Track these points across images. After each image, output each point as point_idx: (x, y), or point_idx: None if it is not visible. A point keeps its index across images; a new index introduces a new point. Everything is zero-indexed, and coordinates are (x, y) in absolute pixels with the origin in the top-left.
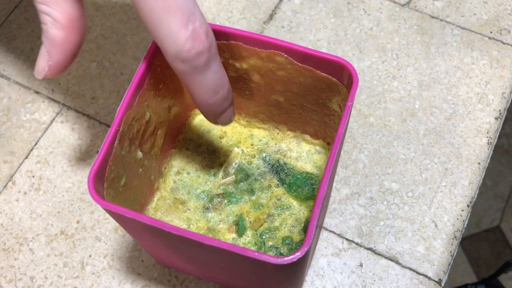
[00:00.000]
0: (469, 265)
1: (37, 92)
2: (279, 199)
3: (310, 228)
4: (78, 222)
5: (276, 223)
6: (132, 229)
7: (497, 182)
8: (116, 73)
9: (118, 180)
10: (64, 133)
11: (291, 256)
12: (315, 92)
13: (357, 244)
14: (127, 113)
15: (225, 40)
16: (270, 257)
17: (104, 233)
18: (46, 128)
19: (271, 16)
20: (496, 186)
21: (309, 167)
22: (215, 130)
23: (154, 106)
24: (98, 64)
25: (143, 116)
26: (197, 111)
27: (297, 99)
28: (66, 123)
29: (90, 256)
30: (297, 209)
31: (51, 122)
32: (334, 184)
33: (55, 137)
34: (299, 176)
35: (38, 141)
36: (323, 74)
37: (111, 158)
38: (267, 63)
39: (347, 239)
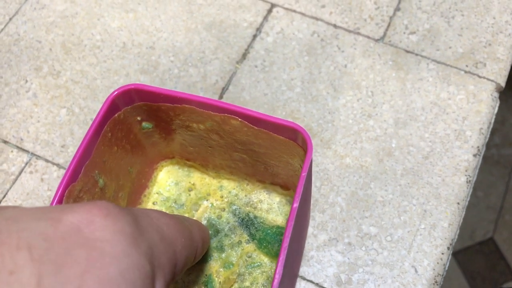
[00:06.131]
0: (464, 278)
1: (5, 142)
2: (249, 256)
3: None
4: None
5: (247, 283)
6: None
7: (488, 193)
8: (86, 119)
9: None
10: (33, 184)
11: None
12: (276, 152)
13: None
14: (70, 187)
15: (178, 104)
16: None
17: None
18: (15, 180)
19: (244, 56)
20: (487, 197)
21: (280, 220)
22: (183, 182)
23: (110, 171)
24: (68, 110)
25: (94, 185)
26: (163, 163)
27: (260, 157)
28: (35, 174)
29: None
30: (269, 266)
31: (20, 173)
32: (311, 230)
33: (24, 188)
34: (269, 231)
35: (6, 193)
36: (280, 137)
37: None
38: (223, 125)
39: None
